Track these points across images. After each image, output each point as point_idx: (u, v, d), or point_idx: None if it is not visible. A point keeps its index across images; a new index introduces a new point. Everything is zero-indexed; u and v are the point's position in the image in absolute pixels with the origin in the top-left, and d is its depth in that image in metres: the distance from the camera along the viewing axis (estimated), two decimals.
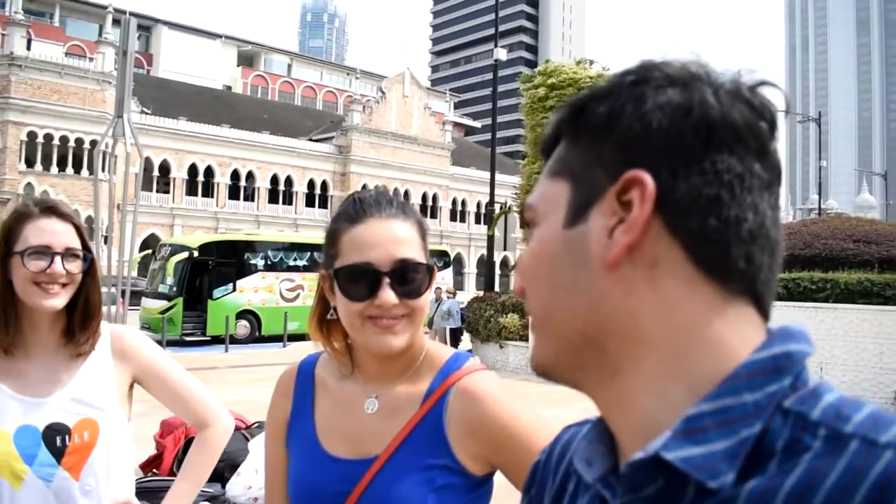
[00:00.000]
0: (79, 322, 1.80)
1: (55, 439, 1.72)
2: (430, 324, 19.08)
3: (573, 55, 59.44)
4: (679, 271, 0.57)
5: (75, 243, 1.78)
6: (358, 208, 1.28)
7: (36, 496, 1.69)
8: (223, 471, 5.46)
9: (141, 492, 6.02)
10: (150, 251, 26.97)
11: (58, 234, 1.76)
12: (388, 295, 1.22)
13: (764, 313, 0.59)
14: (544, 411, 0.87)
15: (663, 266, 0.57)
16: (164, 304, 21.57)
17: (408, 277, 1.25)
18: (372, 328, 1.24)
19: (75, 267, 1.77)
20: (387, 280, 1.23)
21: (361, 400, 1.32)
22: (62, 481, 1.71)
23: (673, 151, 0.57)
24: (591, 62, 27.07)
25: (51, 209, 1.79)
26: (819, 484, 0.47)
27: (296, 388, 1.41)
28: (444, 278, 28.62)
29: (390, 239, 1.25)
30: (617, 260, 0.58)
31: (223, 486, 5.83)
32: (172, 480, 5.35)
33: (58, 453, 1.71)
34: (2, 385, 1.74)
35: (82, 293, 1.80)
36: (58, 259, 1.73)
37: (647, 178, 0.57)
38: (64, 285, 1.75)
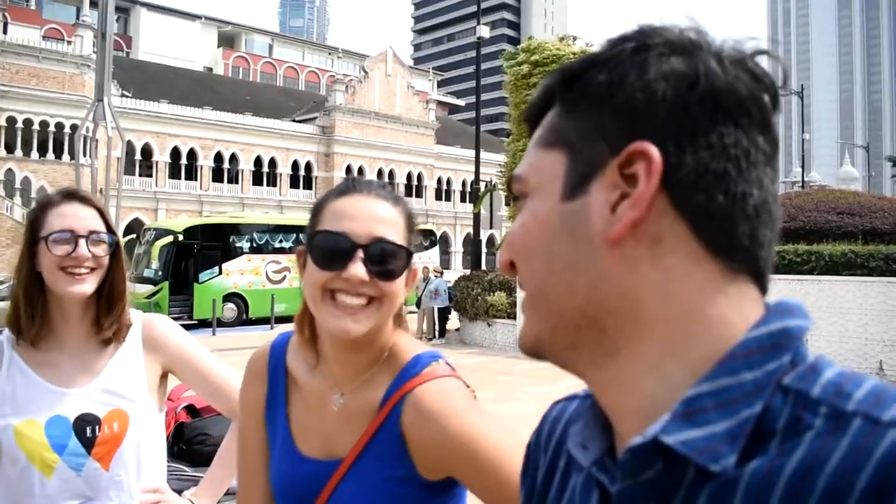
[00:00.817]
0: (104, 308, 1.78)
1: (86, 430, 1.72)
2: (417, 303, 19.09)
3: (556, 32, 59.17)
4: (683, 248, 0.55)
5: (99, 226, 1.76)
6: (349, 184, 1.23)
7: (66, 485, 1.69)
8: (211, 455, 5.45)
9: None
10: (134, 236, 26.79)
11: (80, 217, 1.74)
12: (357, 268, 1.14)
13: (763, 289, 0.58)
14: (532, 388, 0.81)
15: (667, 243, 0.55)
16: (150, 288, 21.49)
17: (384, 257, 1.16)
18: (331, 308, 1.15)
19: (101, 250, 1.75)
20: (360, 254, 1.15)
21: (328, 396, 1.25)
22: (92, 471, 1.71)
23: (679, 123, 0.55)
24: (575, 38, 26.94)
25: (72, 194, 1.78)
26: (822, 465, 0.46)
27: (269, 374, 1.34)
28: (430, 257, 28.63)
29: (372, 216, 1.18)
30: (621, 236, 0.55)
31: None
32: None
33: (88, 443, 1.71)
34: (35, 375, 1.74)
35: (108, 278, 1.78)
36: (82, 242, 1.71)
37: (654, 151, 0.54)
38: (91, 270, 1.73)
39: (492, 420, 1.20)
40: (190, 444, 3.17)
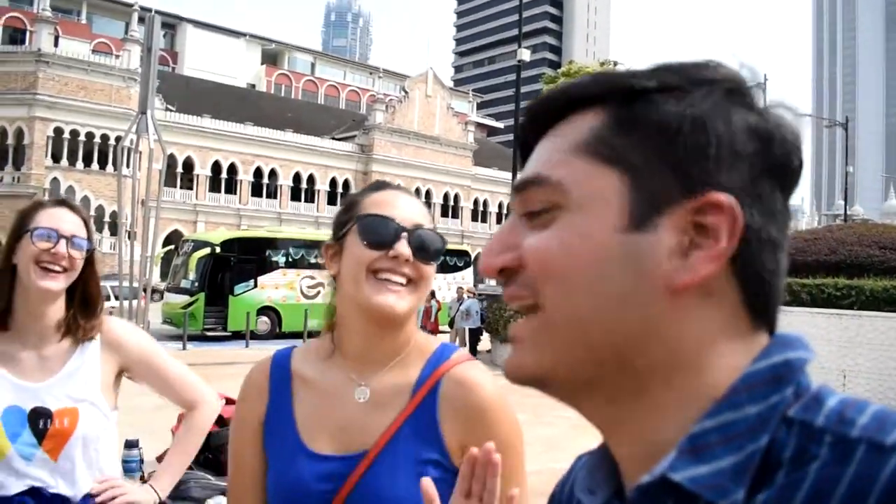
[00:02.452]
0: (79, 312, 1.91)
1: (38, 422, 1.83)
2: (450, 323, 19.03)
3: (597, 56, 59.10)
4: (729, 306, 0.55)
5: (82, 233, 1.90)
6: (382, 184, 1.36)
7: (15, 471, 1.80)
8: None
9: None
10: (172, 247, 27.15)
11: (66, 221, 1.88)
12: (404, 247, 1.24)
13: (772, 333, 0.58)
14: (564, 413, 0.79)
15: (716, 298, 0.55)
16: (185, 298, 21.72)
17: (425, 241, 1.27)
18: (375, 284, 1.23)
19: (78, 254, 1.87)
20: (405, 235, 1.26)
21: (349, 389, 1.27)
22: (41, 461, 1.82)
23: (754, 183, 0.55)
24: (615, 63, 26.96)
25: (63, 202, 1.95)
26: (829, 494, 0.46)
27: (271, 384, 1.34)
28: (464, 278, 28.61)
29: (411, 207, 1.31)
30: (689, 286, 0.54)
31: None
32: (190, 473, 5.35)
33: (39, 435, 1.82)
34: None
35: (81, 283, 1.91)
36: (63, 241, 1.84)
37: (738, 210, 0.53)
38: (65, 270, 1.85)
39: (510, 406, 1.32)
40: (216, 453, 3.18)
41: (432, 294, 20.31)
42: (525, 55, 23.13)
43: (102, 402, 1.91)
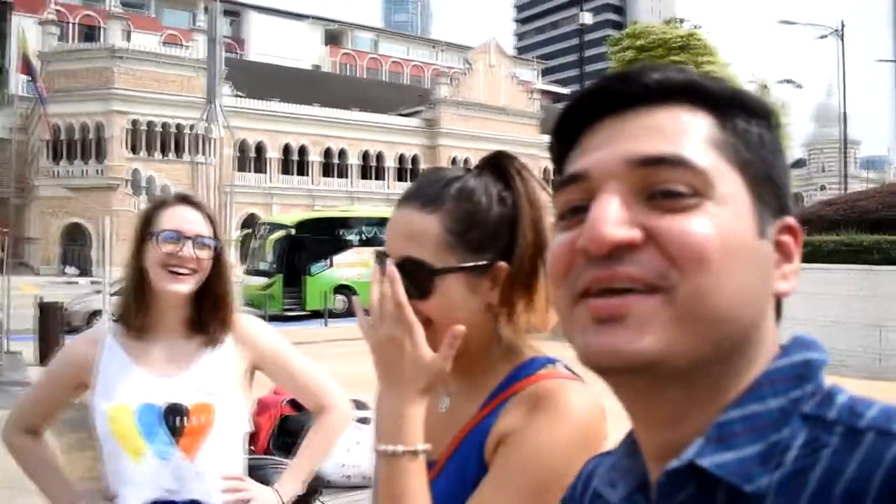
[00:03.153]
0: (208, 311, 1.86)
1: (174, 419, 1.79)
2: None
3: (663, 15, 57.46)
4: (773, 304, 0.60)
5: (206, 231, 1.84)
6: (406, 190, 1.17)
7: (153, 472, 1.76)
8: None
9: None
10: (249, 230, 27.79)
11: (189, 221, 1.83)
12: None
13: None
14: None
15: (773, 303, 0.60)
16: (264, 280, 22.25)
17: (408, 278, 1.05)
18: None
19: (204, 254, 1.82)
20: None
21: (436, 396, 1.17)
22: (178, 461, 1.78)
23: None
24: (682, 21, 26.17)
25: (185, 198, 1.89)
26: (839, 475, 0.49)
27: None
28: None
29: (402, 233, 1.12)
30: (786, 295, 0.60)
31: None
32: (268, 458, 5.54)
33: (175, 433, 1.78)
34: (130, 362, 1.83)
35: (210, 281, 1.85)
36: (188, 243, 1.79)
37: (800, 232, 0.61)
38: (193, 271, 1.80)
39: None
40: (294, 437, 3.27)
41: None
42: (587, 18, 22.77)
43: (237, 398, 1.88)
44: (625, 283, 0.55)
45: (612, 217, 0.55)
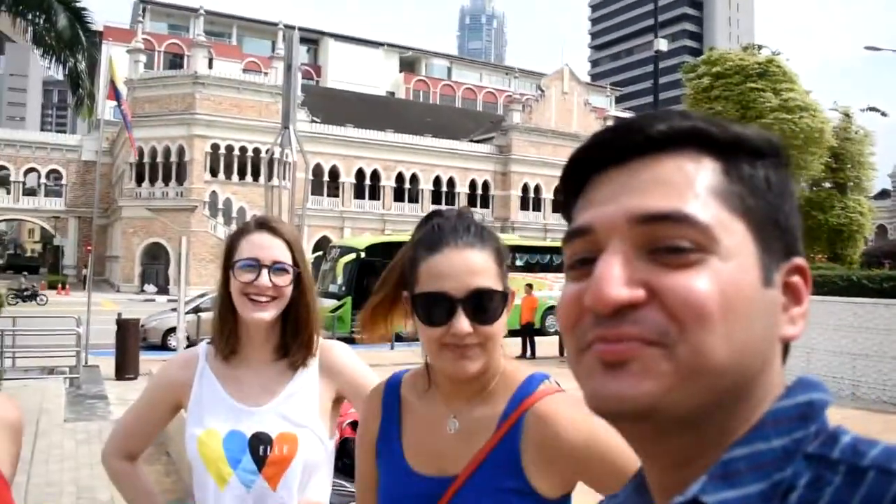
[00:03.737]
0: (291, 336, 1.85)
1: (259, 448, 1.78)
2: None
3: (741, 41, 56.48)
4: (779, 348, 0.60)
5: (284, 257, 1.82)
6: (436, 237, 1.31)
7: (237, 499, 1.77)
8: None
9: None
10: (321, 253, 28.22)
11: (266, 248, 1.81)
12: (462, 324, 1.24)
13: None
14: None
15: (779, 347, 0.60)
16: (334, 303, 22.51)
17: (482, 305, 1.26)
18: (448, 354, 1.26)
19: (283, 280, 1.80)
20: (461, 308, 1.25)
21: (443, 419, 1.35)
22: (261, 489, 1.77)
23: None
24: (759, 47, 25.60)
25: (264, 224, 1.87)
26: None
27: (383, 409, 1.45)
28: None
29: (465, 269, 1.27)
30: (793, 339, 0.60)
31: None
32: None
33: (259, 462, 1.78)
34: (221, 388, 1.85)
35: (292, 307, 1.84)
36: (265, 272, 1.78)
37: (809, 272, 0.61)
38: (273, 298, 1.79)
39: (609, 427, 1.18)
40: (353, 460, 3.25)
41: (530, 287, 20.30)
42: (662, 45, 22.43)
43: (321, 429, 1.86)
44: (630, 340, 0.56)
45: (616, 277, 0.56)
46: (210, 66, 50.97)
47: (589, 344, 0.58)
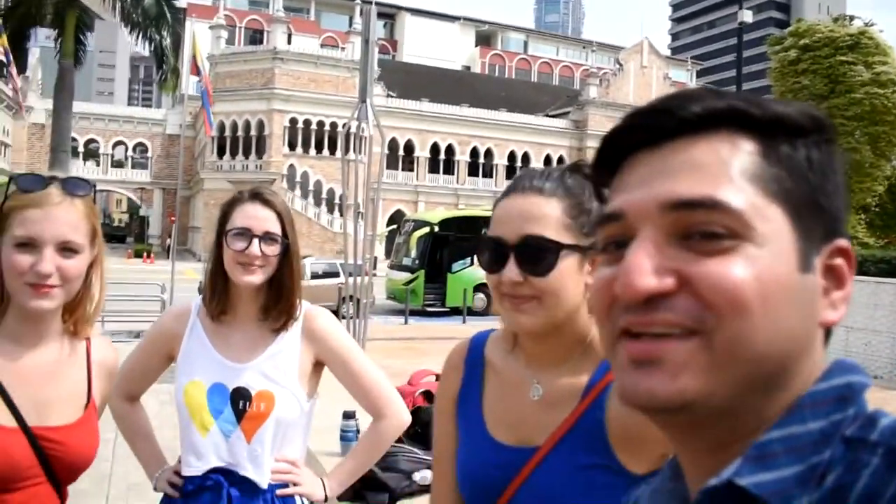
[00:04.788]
0: (272, 300, 1.98)
1: (239, 402, 1.93)
2: None
3: (831, 11, 54.22)
4: (821, 331, 0.59)
5: (275, 228, 1.95)
6: (513, 183, 1.27)
7: (216, 447, 1.93)
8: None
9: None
10: (395, 226, 28.51)
11: (259, 219, 1.94)
12: (510, 271, 1.18)
13: None
14: None
15: (820, 332, 0.59)
16: (407, 275, 22.76)
17: (532, 254, 1.18)
18: (506, 304, 1.21)
19: (272, 250, 1.93)
20: (512, 255, 1.19)
21: (526, 384, 1.28)
22: (237, 440, 1.92)
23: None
24: (852, 18, 24.49)
25: (257, 195, 1.99)
26: (880, 492, 0.49)
27: (466, 365, 1.39)
28: None
29: (521, 214, 1.20)
30: (835, 324, 0.58)
31: None
32: (400, 447, 5.62)
33: (239, 415, 1.93)
34: (209, 343, 2.00)
35: (277, 275, 1.96)
36: (255, 241, 1.91)
37: (853, 254, 0.59)
38: (262, 266, 1.92)
39: None
40: (426, 428, 3.33)
41: None
42: (747, 16, 21.70)
43: (298, 389, 1.98)
44: (662, 329, 0.55)
45: (646, 266, 0.55)
46: (289, 42, 51.68)
47: (621, 331, 0.57)
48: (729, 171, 0.56)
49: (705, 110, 0.57)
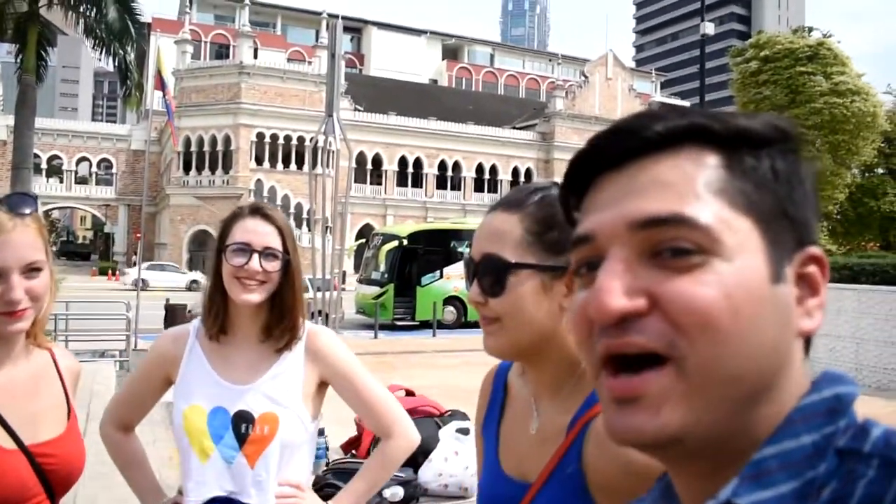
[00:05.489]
0: (275, 319, 1.90)
1: (241, 426, 1.85)
2: None
3: (791, 23, 55.25)
4: (800, 341, 0.58)
5: (275, 244, 1.87)
6: (495, 202, 1.24)
7: (217, 474, 1.84)
8: (416, 456, 5.61)
9: (339, 472, 6.30)
10: (364, 240, 28.45)
11: (259, 233, 1.86)
12: (473, 290, 1.15)
13: None
14: None
15: (801, 340, 0.59)
16: (376, 290, 22.69)
17: (486, 273, 1.14)
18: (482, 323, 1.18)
19: (272, 266, 1.86)
20: (474, 273, 1.16)
21: (529, 415, 1.23)
22: (240, 466, 1.84)
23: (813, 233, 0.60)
24: (810, 30, 25.02)
25: (257, 210, 1.91)
26: (879, 502, 0.49)
27: (492, 389, 1.36)
28: None
29: (487, 232, 1.17)
30: (812, 332, 0.58)
31: (416, 472, 6.08)
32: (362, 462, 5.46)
33: (241, 439, 1.84)
34: (209, 365, 1.92)
35: (279, 292, 1.89)
36: (255, 257, 1.83)
37: (826, 260, 0.58)
38: (262, 283, 1.84)
39: None
40: None
41: None
42: (709, 29, 22.05)
43: (303, 411, 1.90)
44: (636, 351, 0.54)
45: (616, 287, 0.55)
46: (255, 56, 51.53)
47: (601, 359, 0.56)
48: (695, 186, 0.56)
49: (667, 129, 0.58)
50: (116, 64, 18.59)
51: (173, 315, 13.62)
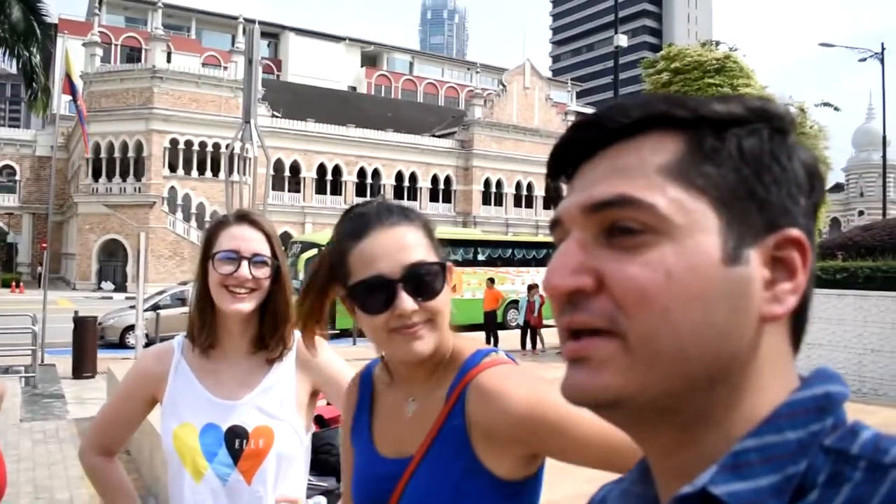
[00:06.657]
0: (268, 329, 1.86)
1: (235, 441, 1.79)
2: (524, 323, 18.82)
3: (700, 36, 57.33)
4: (781, 333, 0.58)
5: (264, 250, 1.83)
6: (361, 223, 1.27)
7: (212, 493, 1.78)
8: (336, 465, 5.57)
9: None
10: (282, 249, 28.09)
11: (247, 240, 1.81)
12: (405, 303, 1.20)
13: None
14: None
15: (779, 327, 0.58)
16: (295, 298, 22.39)
17: (422, 280, 1.23)
18: (398, 339, 1.22)
19: (262, 273, 1.81)
20: (401, 287, 1.21)
21: (403, 405, 1.33)
22: (236, 483, 1.78)
23: (808, 218, 0.59)
24: (717, 43, 25.99)
25: (244, 217, 1.87)
26: None
27: (358, 394, 1.44)
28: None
29: (396, 247, 1.24)
30: (780, 318, 0.57)
31: (338, 481, 6.03)
32: None
33: (235, 455, 1.79)
34: (197, 382, 1.85)
35: (270, 300, 1.84)
36: (244, 263, 1.79)
37: (808, 245, 0.57)
38: (252, 291, 1.80)
39: (553, 389, 1.13)
40: (316, 454, 3.28)
41: (492, 281, 20.76)
42: (622, 41, 22.68)
43: (297, 422, 1.86)
44: (582, 327, 0.56)
45: (564, 265, 0.57)
46: (168, 61, 50.27)
47: (562, 332, 0.59)
48: (646, 169, 0.57)
49: (631, 118, 0.59)
50: (20, 66, 17.86)
51: (82, 328, 13.10)
